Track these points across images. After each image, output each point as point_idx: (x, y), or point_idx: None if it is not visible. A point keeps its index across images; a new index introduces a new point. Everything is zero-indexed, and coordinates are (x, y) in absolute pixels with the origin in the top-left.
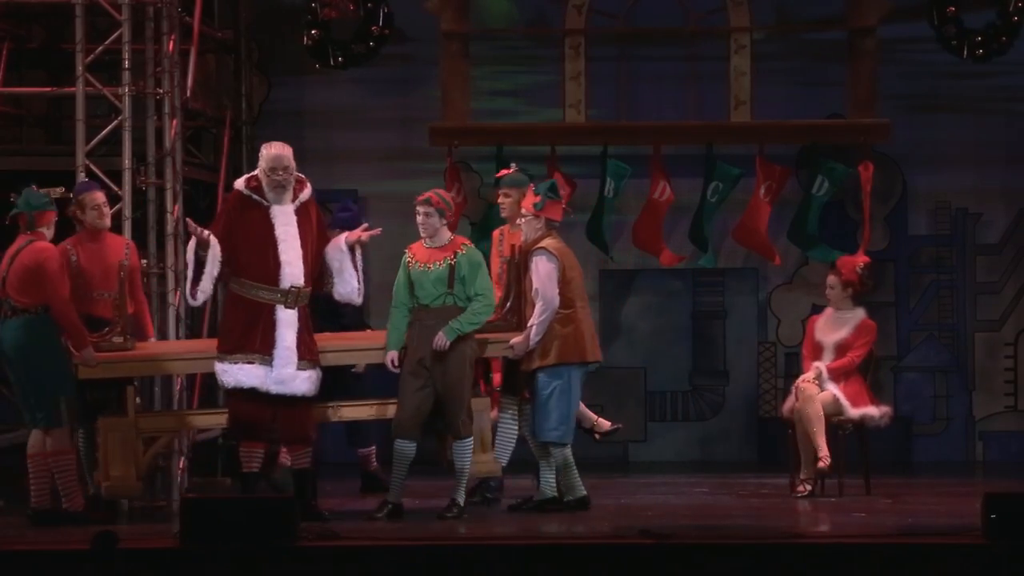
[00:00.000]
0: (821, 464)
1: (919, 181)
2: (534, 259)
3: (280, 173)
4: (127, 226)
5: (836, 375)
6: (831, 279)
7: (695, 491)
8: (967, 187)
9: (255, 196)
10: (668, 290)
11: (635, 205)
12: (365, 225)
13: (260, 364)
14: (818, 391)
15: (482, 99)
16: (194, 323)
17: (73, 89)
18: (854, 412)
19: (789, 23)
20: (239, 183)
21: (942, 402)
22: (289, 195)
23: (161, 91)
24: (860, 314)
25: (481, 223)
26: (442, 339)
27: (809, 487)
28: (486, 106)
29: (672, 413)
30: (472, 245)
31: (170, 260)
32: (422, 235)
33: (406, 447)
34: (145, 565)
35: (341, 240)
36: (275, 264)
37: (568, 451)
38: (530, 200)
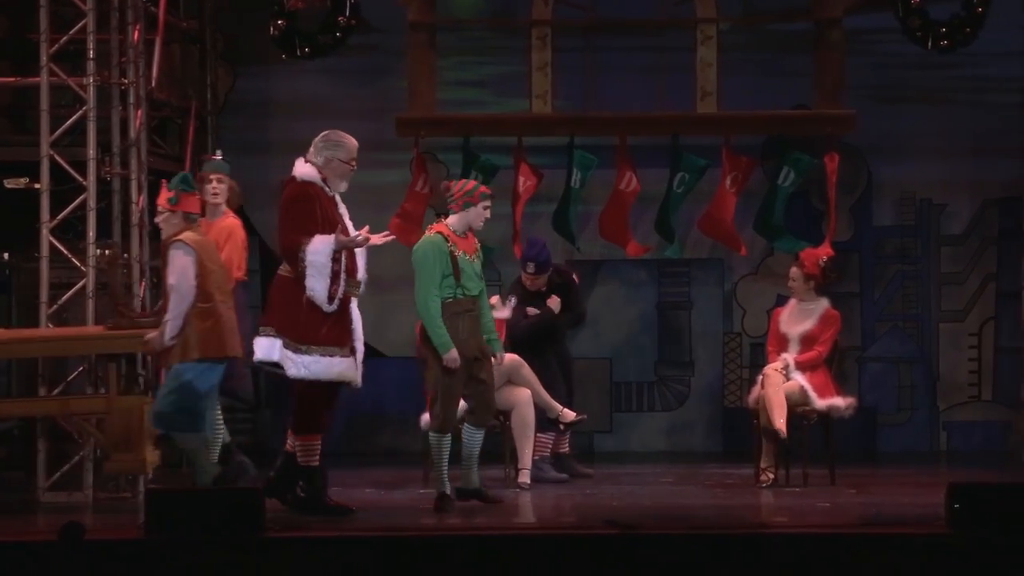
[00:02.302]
0: (778, 432)
1: (884, 172)
2: (170, 252)
3: (355, 163)
4: (92, 217)
5: (803, 367)
6: (793, 271)
7: (660, 481)
8: (932, 178)
9: (326, 187)
10: (634, 281)
11: (601, 196)
12: (367, 228)
13: (347, 356)
14: (784, 379)
15: (449, 90)
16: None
17: (38, 79)
18: (821, 403)
19: (755, 14)
20: (309, 173)
21: (906, 392)
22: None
23: (126, 81)
24: (824, 304)
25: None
26: (500, 358)
27: (772, 475)
28: (453, 96)
29: (638, 403)
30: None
31: (135, 250)
32: (477, 228)
33: (475, 433)
34: (111, 556)
35: None
36: (352, 254)
37: (198, 436)
38: (164, 196)
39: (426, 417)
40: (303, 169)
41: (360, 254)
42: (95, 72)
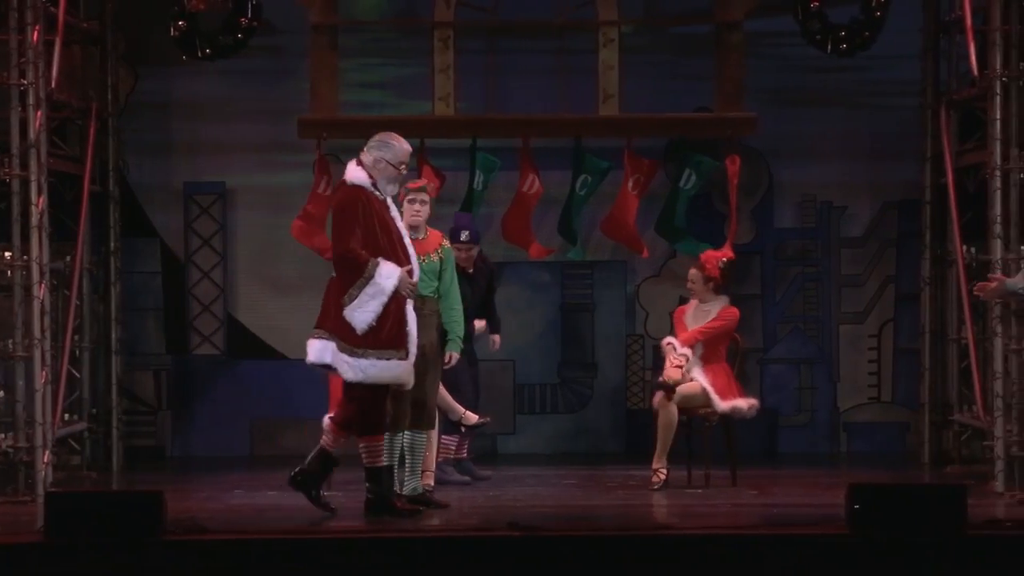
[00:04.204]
0: (655, 478)
1: (785, 174)
2: None
3: (405, 168)
4: None
5: (690, 342)
6: (693, 273)
7: (563, 483)
8: (832, 180)
9: (376, 191)
10: (537, 283)
11: (504, 198)
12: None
13: (404, 359)
14: (680, 376)
15: (351, 91)
16: (59, 316)
17: None
18: (723, 405)
19: (657, 17)
20: (359, 177)
21: (807, 394)
22: (397, 188)
23: (25, 82)
24: (723, 301)
25: None
26: (454, 358)
27: (663, 476)
28: (355, 98)
29: (541, 405)
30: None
31: (34, 252)
32: (413, 224)
33: (419, 437)
34: (10, 560)
35: None
36: (406, 258)
37: None
38: None
39: (328, 419)
40: (352, 172)
41: (414, 256)
42: None
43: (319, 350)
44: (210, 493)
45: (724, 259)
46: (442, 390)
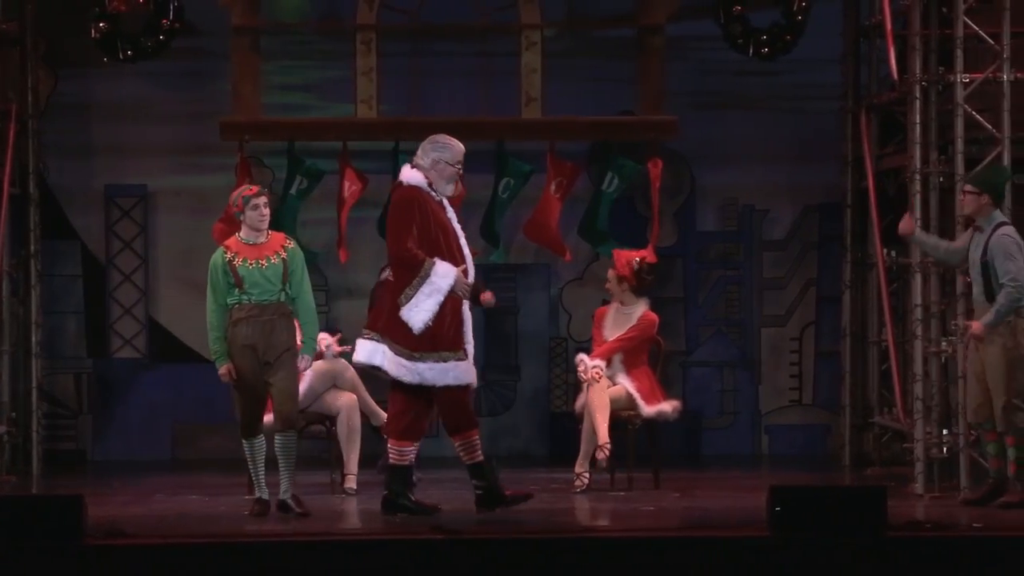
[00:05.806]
0: (600, 455)
1: (707, 178)
2: None
3: (461, 166)
4: None
5: (606, 356)
6: (609, 273)
7: None
8: (754, 184)
9: (432, 192)
10: None
11: None
12: (492, 294)
13: (462, 360)
14: (608, 384)
15: (273, 94)
16: None
17: None
18: (649, 410)
19: (579, 20)
20: (415, 178)
21: (729, 396)
22: (454, 187)
23: None
24: (642, 307)
25: (272, 217)
26: (307, 361)
27: (586, 480)
28: (277, 101)
29: None
30: (294, 242)
31: None
32: (258, 228)
33: (261, 443)
34: None
35: None
36: (462, 258)
37: None
38: None
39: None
40: (408, 174)
41: (469, 256)
42: None
43: (369, 351)
44: (131, 497)
45: (636, 258)
46: (365, 392)
